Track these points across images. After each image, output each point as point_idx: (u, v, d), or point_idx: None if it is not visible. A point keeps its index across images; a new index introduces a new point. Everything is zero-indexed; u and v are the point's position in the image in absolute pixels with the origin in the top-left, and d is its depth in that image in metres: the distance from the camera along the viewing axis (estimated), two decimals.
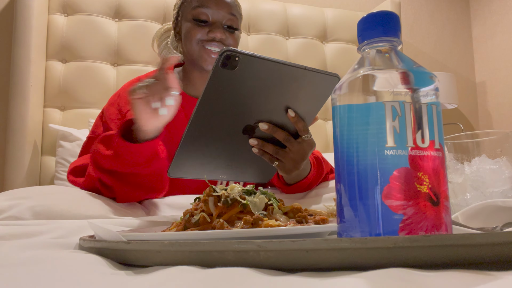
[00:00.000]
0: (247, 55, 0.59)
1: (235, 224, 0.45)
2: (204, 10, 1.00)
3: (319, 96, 0.69)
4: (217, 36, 0.99)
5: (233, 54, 0.58)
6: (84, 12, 1.72)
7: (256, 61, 0.60)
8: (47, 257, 0.36)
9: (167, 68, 0.76)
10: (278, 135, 0.72)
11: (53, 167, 1.59)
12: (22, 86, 1.51)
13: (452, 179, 0.60)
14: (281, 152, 0.75)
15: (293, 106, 0.69)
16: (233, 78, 0.61)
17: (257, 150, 0.73)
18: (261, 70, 0.61)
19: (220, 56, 0.58)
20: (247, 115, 0.68)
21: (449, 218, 0.34)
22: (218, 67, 0.59)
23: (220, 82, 0.61)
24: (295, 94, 0.67)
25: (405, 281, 0.24)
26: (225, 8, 1.02)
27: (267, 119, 0.70)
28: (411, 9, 2.67)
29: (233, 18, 1.03)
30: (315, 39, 2.02)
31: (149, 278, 0.30)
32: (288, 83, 0.64)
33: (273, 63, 0.61)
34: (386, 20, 0.36)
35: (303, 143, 0.75)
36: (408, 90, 0.34)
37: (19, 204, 0.69)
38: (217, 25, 1.01)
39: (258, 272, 0.29)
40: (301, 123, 0.71)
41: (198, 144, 0.68)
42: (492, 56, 2.69)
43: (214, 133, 0.68)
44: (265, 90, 0.64)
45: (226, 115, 0.66)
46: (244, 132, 0.70)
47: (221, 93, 0.62)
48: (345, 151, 0.35)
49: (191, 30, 1.01)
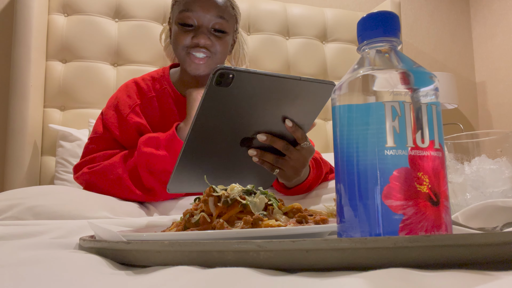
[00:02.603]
0: (241, 71, 0.58)
1: (235, 224, 0.45)
2: (189, 14, 0.97)
3: (316, 104, 0.69)
4: (200, 42, 0.97)
5: (227, 72, 0.58)
6: (84, 12, 1.72)
7: (250, 76, 0.59)
8: (47, 257, 0.36)
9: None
10: (277, 145, 0.72)
11: (53, 167, 1.58)
12: (22, 86, 1.51)
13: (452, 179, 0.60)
14: (281, 160, 0.75)
15: (290, 115, 0.69)
16: (228, 94, 0.60)
17: (257, 159, 0.73)
18: (256, 84, 0.61)
19: (214, 75, 0.58)
20: (244, 128, 0.68)
21: (449, 218, 0.34)
22: (212, 85, 0.58)
23: (215, 99, 0.61)
24: (292, 104, 0.66)
25: (405, 281, 0.24)
26: (212, 11, 0.97)
27: (264, 130, 0.70)
28: (411, 9, 2.67)
29: (222, 22, 0.98)
30: (315, 39, 2.02)
31: (149, 278, 0.30)
32: (283, 94, 0.64)
33: (267, 77, 0.60)
34: (386, 20, 0.36)
35: (302, 150, 0.75)
36: (408, 90, 0.34)
37: (19, 204, 0.70)
38: (203, 29, 0.98)
39: (258, 272, 0.29)
40: (299, 132, 0.71)
41: (196, 159, 0.68)
42: (492, 56, 2.69)
43: (212, 147, 0.68)
44: (261, 102, 0.64)
45: (223, 129, 0.66)
46: (242, 144, 0.70)
47: (217, 109, 0.62)
48: (345, 151, 0.35)
49: (177, 35, 0.99)
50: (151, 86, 1.04)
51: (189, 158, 0.68)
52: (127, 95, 1.02)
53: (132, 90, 1.03)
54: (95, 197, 0.83)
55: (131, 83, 1.05)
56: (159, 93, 1.03)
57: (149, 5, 1.80)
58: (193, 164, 0.69)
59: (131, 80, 1.07)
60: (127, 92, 1.03)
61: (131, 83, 1.06)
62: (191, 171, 0.70)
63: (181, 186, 0.72)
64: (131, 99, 1.01)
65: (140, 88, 1.04)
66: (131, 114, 0.99)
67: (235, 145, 0.70)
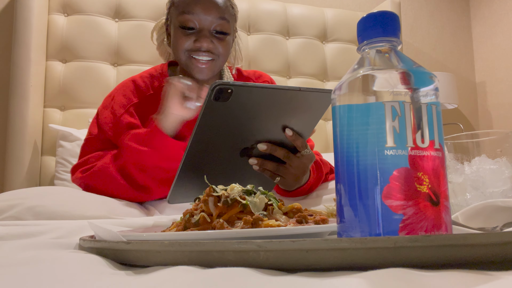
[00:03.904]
0: (239, 86, 0.58)
1: (235, 224, 0.45)
2: (190, 17, 0.94)
3: (315, 112, 0.68)
4: (203, 46, 0.95)
5: (225, 87, 0.57)
6: (84, 12, 1.72)
7: (249, 90, 0.59)
8: (47, 257, 0.36)
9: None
10: (278, 154, 0.72)
11: (53, 167, 1.59)
12: (22, 86, 1.51)
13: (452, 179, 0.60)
14: (281, 168, 0.75)
15: (290, 125, 0.68)
16: (227, 108, 0.60)
17: (258, 167, 0.73)
18: (255, 97, 0.60)
19: (212, 91, 0.57)
20: (244, 139, 0.68)
21: (449, 218, 0.34)
22: (210, 100, 0.58)
23: (214, 113, 0.60)
24: (291, 114, 0.66)
25: (405, 281, 0.24)
26: (214, 12, 0.95)
27: (264, 140, 0.70)
28: (411, 9, 2.67)
29: (223, 23, 0.97)
30: (315, 39, 2.02)
31: (149, 278, 0.30)
32: (283, 105, 0.63)
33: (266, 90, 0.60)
34: (386, 20, 0.36)
35: (302, 158, 0.75)
36: (408, 90, 0.34)
37: (19, 205, 0.70)
38: (205, 32, 0.96)
39: (258, 272, 0.29)
40: (300, 140, 0.71)
41: (196, 171, 0.68)
42: (492, 56, 2.69)
43: (212, 159, 0.68)
44: (260, 114, 0.64)
45: (223, 141, 0.66)
46: (242, 153, 0.70)
47: (216, 123, 0.62)
48: (345, 151, 0.35)
49: (178, 38, 0.97)
50: (150, 84, 1.04)
51: (189, 170, 0.68)
52: (123, 95, 1.02)
53: (129, 89, 1.02)
54: (95, 197, 0.83)
55: (129, 82, 1.05)
56: (157, 91, 1.02)
57: (149, 5, 1.80)
58: (193, 176, 0.69)
59: (129, 78, 1.06)
60: (123, 92, 1.02)
61: (128, 82, 1.05)
62: (191, 183, 0.70)
63: (181, 197, 0.72)
64: (126, 99, 1.01)
65: (137, 86, 1.03)
66: (125, 114, 0.98)
67: (235, 155, 0.70)
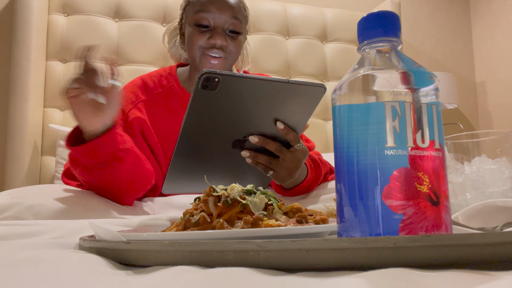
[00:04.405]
0: (226, 75, 0.59)
1: (235, 224, 0.45)
2: (205, 15, 0.98)
3: (307, 106, 0.68)
4: (217, 42, 0.97)
5: (212, 76, 0.58)
6: (84, 12, 1.72)
7: (236, 80, 0.60)
8: (47, 257, 0.36)
9: (90, 56, 0.71)
10: (270, 147, 0.72)
11: (53, 167, 1.58)
12: (22, 86, 1.51)
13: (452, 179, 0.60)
14: (274, 162, 0.74)
15: (281, 118, 0.68)
16: (216, 98, 0.61)
17: (251, 160, 0.73)
18: (243, 88, 0.61)
19: (199, 78, 0.58)
20: (235, 130, 0.68)
21: (449, 218, 0.34)
22: (198, 89, 0.59)
23: (203, 102, 0.61)
24: (282, 106, 0.66)
25: (405, 281, 0.24)
26: (228, 12, 0.98)
27: (257, 132, 0.70)
28: (411, 9, 2.67)
29: (236, 22, 1.00)
30: (315, 39, 2.02)
31: (149, 278, 0.30)
32: (273, 97, 0.64)
33: (254, 80, 0.61)
34: (386, 20, 0.36)
35: (295, 152, 0.75)
36: (408, 90, 0.34)
37: (19, 204, 0.70)
38: (218, 30, 0.98)
39: (258, 272, 0.29)
40: (292, 134, 0.71)
41: (188, 161, 0.69)
42: (492, 56, 2.69)
43: (204, 149, 0.68)
44: (250, 105, 0.64)
45: (214, 131, 0.66)
46: (234, 145, 0.70)
47: (205, 112, 0.63)
48: (345, 151, 0.35)
49: (192, 35, 1.00)
50: (158, 83, 1.06)
51: (182, 159, 0.68)
52: (132, 92, 1.04)
53: (137, 87, 1.05)
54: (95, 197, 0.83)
55: (137, 80, 1.07)
56: (165, 90, 1.04)
57: (149, 5, 1.80)
58: (187, 166, 0.69)
59: (138, 77, 1.08)
60: (132, 89, 1.04)
61: (137, 80, 1.07)
62: (185, 172, 0.70)
63: (176, 187, 0.72)
64: (135, 96, 1.03)
65: (146, 84, 1.05)
66: (133, 109, 1.00)
67: (228, 147, 0.70)
